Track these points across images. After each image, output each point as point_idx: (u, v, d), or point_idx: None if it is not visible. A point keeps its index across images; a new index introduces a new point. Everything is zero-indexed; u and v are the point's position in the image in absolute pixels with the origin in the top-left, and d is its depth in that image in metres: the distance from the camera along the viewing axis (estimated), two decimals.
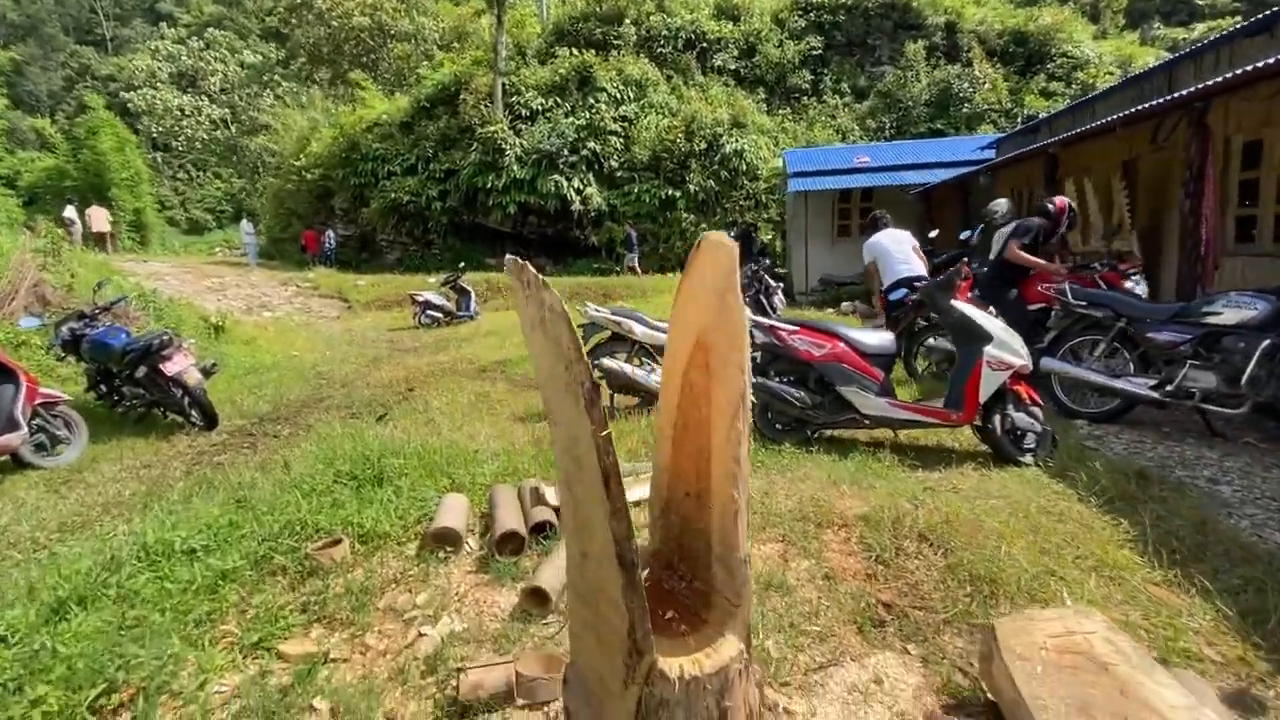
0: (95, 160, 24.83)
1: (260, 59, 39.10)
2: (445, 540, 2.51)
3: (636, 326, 4.82)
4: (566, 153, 20.33)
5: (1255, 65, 4.87)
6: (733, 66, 25.10)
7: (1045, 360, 4.57)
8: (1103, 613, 2.42)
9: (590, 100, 21.54)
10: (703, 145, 20.61)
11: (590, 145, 20.67)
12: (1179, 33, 28.59)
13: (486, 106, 20.76)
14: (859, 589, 2.33)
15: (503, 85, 21.23)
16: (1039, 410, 3.74)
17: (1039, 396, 3.80)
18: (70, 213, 20.12)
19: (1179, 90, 6.20)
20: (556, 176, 20.21)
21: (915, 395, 4.97)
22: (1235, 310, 3.94)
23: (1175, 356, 4.17)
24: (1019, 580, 2.35)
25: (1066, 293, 4.54)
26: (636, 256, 19.06)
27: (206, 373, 5.31)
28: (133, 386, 5.27)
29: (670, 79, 23.73)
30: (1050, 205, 5.33)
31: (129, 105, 35.78)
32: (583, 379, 0.99)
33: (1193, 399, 4.10)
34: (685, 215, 20.45)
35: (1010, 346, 3.69)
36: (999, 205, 6.75)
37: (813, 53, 25.43)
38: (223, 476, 3.79)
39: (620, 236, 19.88)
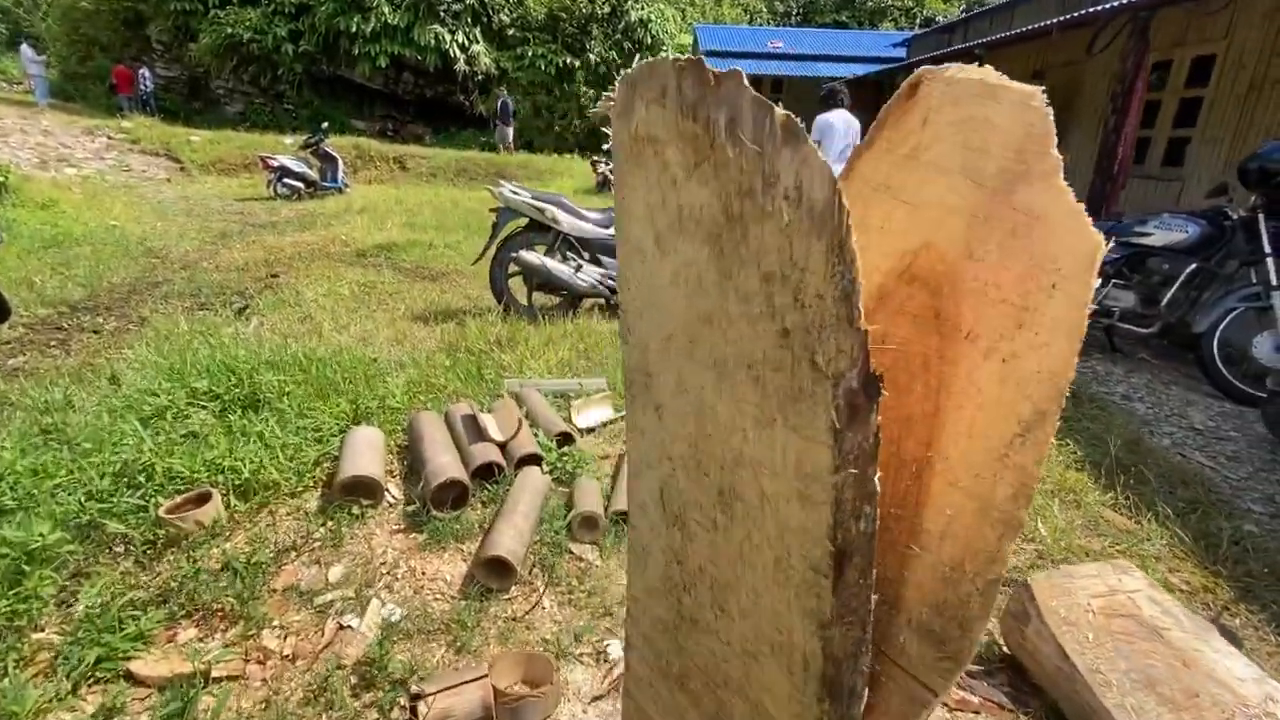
0: None
1: None
2: (359, 490, 1.93)
3: (562, 215, 4.13)
4: None
5: None
6: None
7: None
8: (1073, 540, 2.39)
9: None
10: (606, 9, 18.61)
11: None
12: None
13: None
14: None
15: None
16: None
17: None
18: None
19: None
20: (437, 27, 17.49)
21: None
22: (1165, 232, 3.99)
23: (1100, 275, 4.25)
24: None
25: None
26: (511, 131, 16.97)
27: None
28: None
29: None
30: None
31: None
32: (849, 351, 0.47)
33: (1111, 317, 4.23)
34: (584, 89, 18.74)
35: None
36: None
37: None
38: (19, 392, 2.82)
39: (493, 107, 17.37)
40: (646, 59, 0.63)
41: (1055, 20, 6.24)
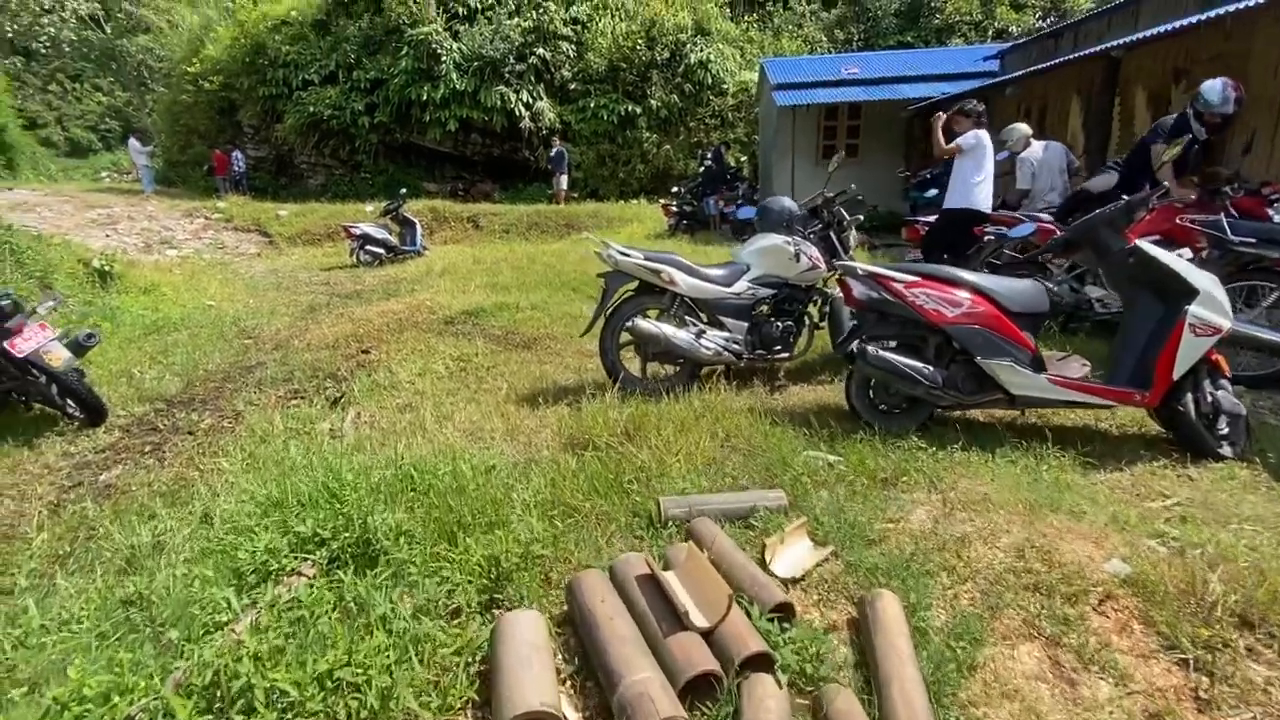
0: None
1: None
2: None
3: (679, 275, 3.64)
4: (512, 60, 17.99)
5: None
6: None
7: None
8: None
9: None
10: (665, 54, 18.65)
11: (539, 52, 18.36)
12: None
13: (416, 3, 17.97)
14: None
15: None
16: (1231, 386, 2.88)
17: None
18: None
19: None
20: (502, 88, 17.94)
21: None
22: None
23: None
24: None
25: (1224, 228, 3.63)
26: (566, 179, 16.86)
27: (81, 346, 3.84)
28: None
29: None
30: (1213, 98, 4.13)
31: None
32: None
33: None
34: (647, 134, 18.71)
35: (1218, 304, 2.76)
36: (1015, 131, 5.79)
37: None
38: (111, 518, 2.51)
39: (548, 157, 17.17)
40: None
41: (1202, 15, 5.43)
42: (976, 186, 5.01)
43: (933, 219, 6.03)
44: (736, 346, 3.74)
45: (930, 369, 2.94)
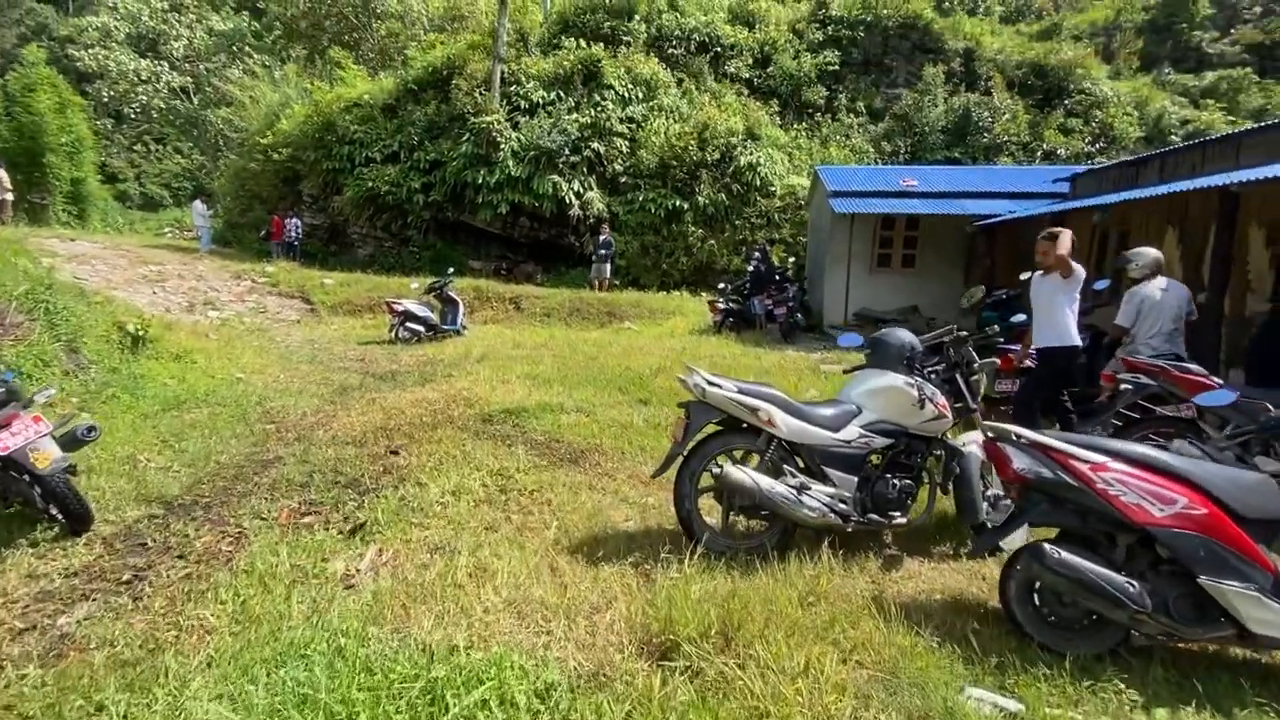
0: (31, 121, 21.90)
1: (231, 27, 36.20)
2: None
3: (779, 415, 3.03)
4: (568, 152, 18.49)
5: None
6: (746, 75, 23.69)
7: None
8: None
9: (596, 97, 19.76)
10: (715, 155, 19.04)
11: (594, 145, 18.88)
12: (1189, 79, 28.28)
13: (482, 94, 18.79)
14: None
15: (501, 73, 19.28)
16: None
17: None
18: None
19: None
20: (555, 177, 18.34)
21: None
22: None
23: None
24: None
25: None
26: (610, 267, 16.68)
27: (78, 441, 3.34)
28: None
29: (681, 82, 22.15)
30: None
31: (78, 66, 32.57)
32: None
33: None
34: (693, 229, 18.80)
35: None
36: (1144, 255, 5.21)
37: (829, 68, 24.23)
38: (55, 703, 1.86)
39: (595, 243, 17.02)
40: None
41: None
42: (1073, 320, 4.45)
43: (1018, 347, 5.42)
44: (844, 506, 3.06)
45: (1135, 587, 2.22)
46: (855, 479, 3.11)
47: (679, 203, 18.69)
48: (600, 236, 16.72)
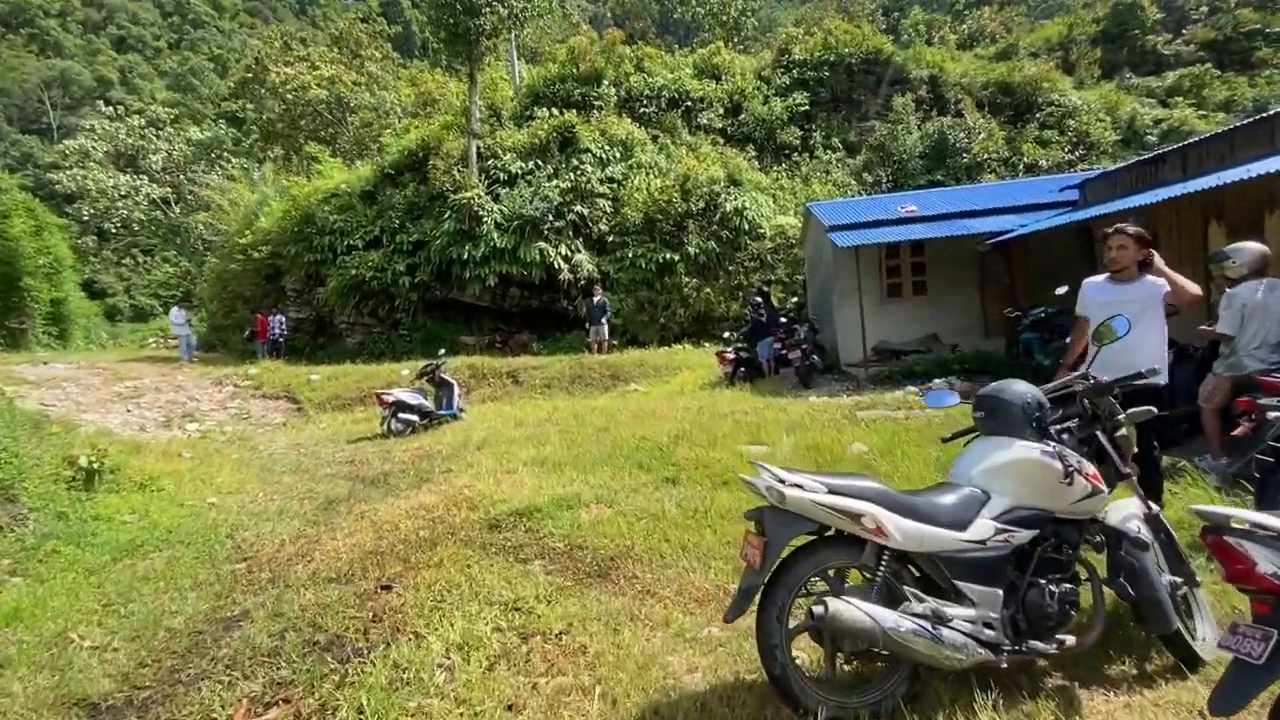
0: (5, 247, 21.63)
1: (209, 135, 36.82)
2: None
3: (889, 519, 2.24)
4: (551, 218, 18.19)
5: None
6: (719, 125, 23.85)
7: None
8: None
9: (574, 162, 19.66)
10: (700, 204, 18.79)
11: (577, 209, 18.63)
12: (1151, 81, 28.73)
13: (460, 171, 18.62)
14: None
15: (477, 148, 19.19)
16: None
17: None
18: None
19: None
20: (541, 244, 17.98)
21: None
22: None
23: None
24: None
25: None
26: (607, 328, 16.06)
27: None
28: None
29: (657, 138, 22.19)
30: None
31: (58, 189, 32.79)
32: None
33: None
34: (686, 279, 18.33)
35: None
36: (1246, 250, 4.51)
37: (800, 109, 24.46)
38: None
39: (588, 306, 16.44)
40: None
41: None
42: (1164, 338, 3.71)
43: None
44: (990, 633, 2.23)
45: None
46: (999, 592, 2.28)
47: (669, 255, 18.30)
48: (594, 298, 16.15)
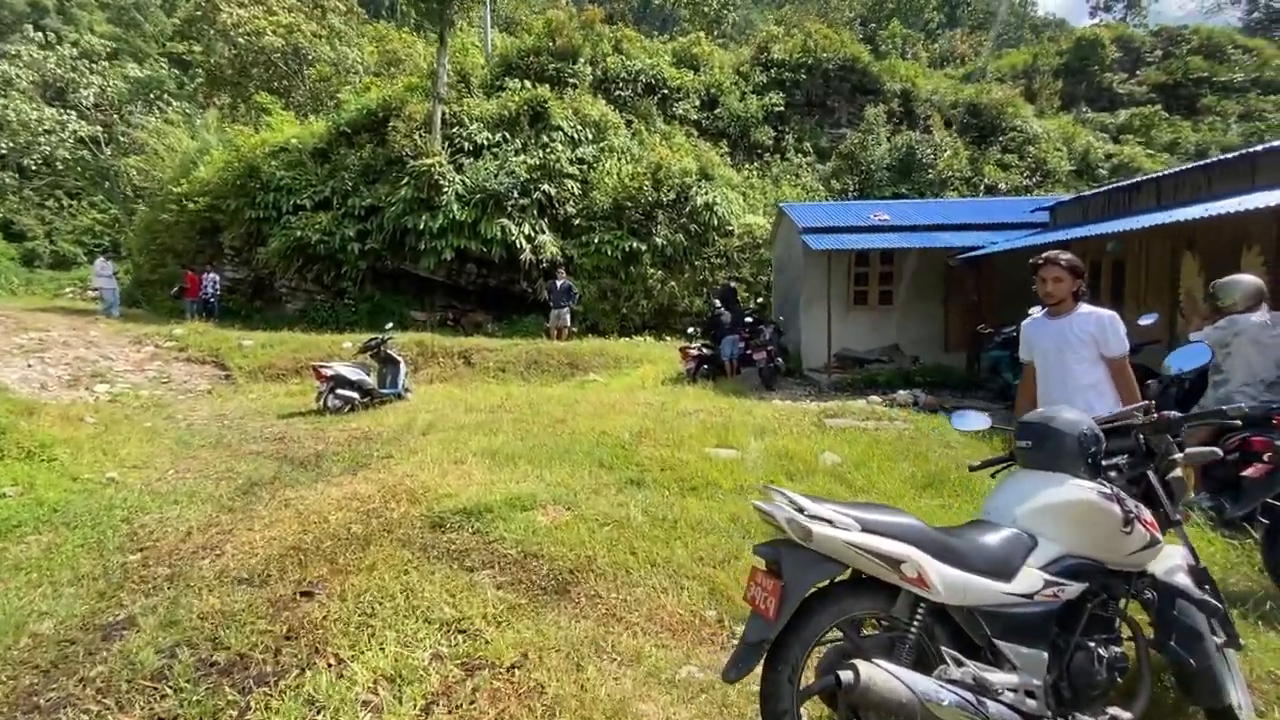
0: None
1: (149, 75, 34.06)
2: None
3: (932, 567, 1.86)
4: (516, 194, 17.43)
5: None
6: (694, 117, 23.48)
7: None
8: None
9: (544, 139, 18.92)
10: (671, 195, 18.37)
11: (544, 187, 17.91)
12: (1105, 117, 29.85)
13: (422, 137, 17.62)
14: None
15: (442, 114, 18.21)
16: None
17: None
18: None
19: None
20: (504, 220, 17.21)
21: None
22: None
23: None
24: None
25: None
26: (568, 315, 15.40)
27: None
28: None
29: (631, 124, 21.62)
30: None
31: None
32: None
33: None
34: (651, 270, 17.93)
35: None
36: (1240, 285, 4.41)
37: (775, 109, 24.30)
38: None
39: (550, 287, 15.74)
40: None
41: None
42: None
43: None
44: (1033, 703, 1.89)
45: None
46: (1044, 655, 1.95)
47: (636, 244, 17.83)
48: (558, 281, 15.51)
